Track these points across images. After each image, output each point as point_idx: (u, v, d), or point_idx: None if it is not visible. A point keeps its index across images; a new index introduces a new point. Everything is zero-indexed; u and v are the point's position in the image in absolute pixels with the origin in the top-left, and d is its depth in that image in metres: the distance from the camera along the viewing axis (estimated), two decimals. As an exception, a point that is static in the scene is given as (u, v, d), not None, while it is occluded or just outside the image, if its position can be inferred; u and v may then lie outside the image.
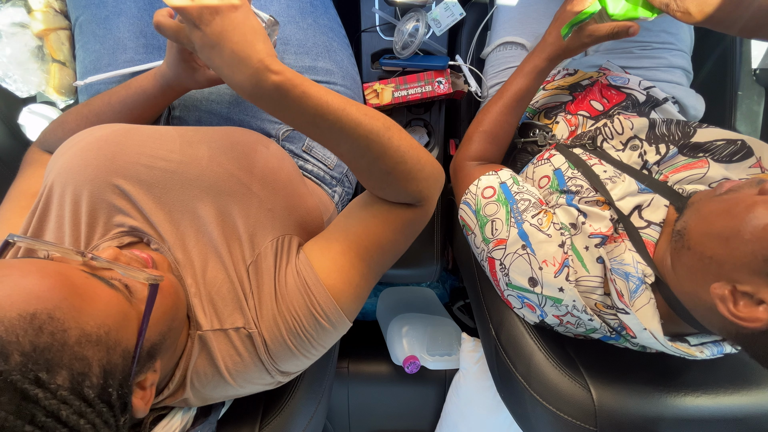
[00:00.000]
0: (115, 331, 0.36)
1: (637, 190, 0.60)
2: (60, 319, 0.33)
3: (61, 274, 0.36)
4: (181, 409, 0.51)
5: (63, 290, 0.34)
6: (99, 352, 0.35)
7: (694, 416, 0.57)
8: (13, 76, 0.84)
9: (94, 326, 0.35)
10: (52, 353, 0.32)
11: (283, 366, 0.51)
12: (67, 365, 0.32)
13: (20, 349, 0.30)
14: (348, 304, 0.52)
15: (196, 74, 0.61)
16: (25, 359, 0.30)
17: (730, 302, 0.45)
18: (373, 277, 0.57)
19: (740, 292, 0.45)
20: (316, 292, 0.50)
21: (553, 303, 0.59)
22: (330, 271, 0.51)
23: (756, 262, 0.43)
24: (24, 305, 0.32)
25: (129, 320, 0.39)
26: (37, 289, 0.33)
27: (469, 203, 0.70)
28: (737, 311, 0.44)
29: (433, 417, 1.18)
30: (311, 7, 0.77)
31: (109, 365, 0.35)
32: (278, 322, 0.49)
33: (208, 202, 0.52)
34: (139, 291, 0.41)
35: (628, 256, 0.55)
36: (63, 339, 0.32)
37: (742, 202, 0.47)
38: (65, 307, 0.34)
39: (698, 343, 0.56)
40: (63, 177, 0.51)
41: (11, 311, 0.31)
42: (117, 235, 0.50)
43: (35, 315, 0.32)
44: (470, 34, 1.01)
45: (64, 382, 0.32)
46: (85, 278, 0.37)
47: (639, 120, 0.67)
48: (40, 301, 0.33)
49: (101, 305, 0.36)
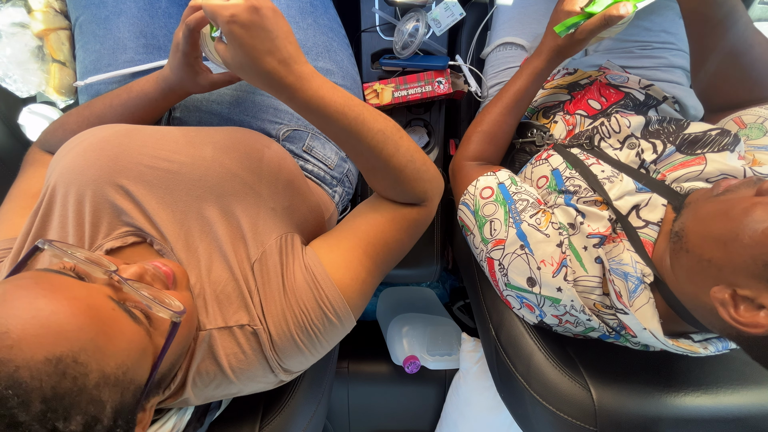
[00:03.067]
0: (132, 370, 0.36)
1: (634, 190, 0.60)
2: (84, 362, 0.32)
3: (90, 308, 0.35)
4: (176, 413, 0.51)
5: (91, 330, 0.34)
6: (114, 394, 0.34)
7: (694, 416, 0.57)
8: (13, 76, 0.84)
9: (114, 367, 0.34)
10: (71, 399, 0.31)
11: (288, 363, 0.51)
12: (83, 410, 0.32)
13: (42, 396, 0.30)
14: (355, 299, 0.53)
15: (199, 78, 0.61)
16: (45, 407, 0.30)
17: (731, 306, 0.44)
18: (378, 275, 0.58)
19: (740, 297, 0.44)
20: (325, 286, 0.51)
21: (552, 303, 0.59)
22: (338, 267, 0.52)
23: (756, 266, 0.42)
24: (52, 348, 0.31)
25: (146, 356, 0.38)
26: (67, 330, 0.32)
27: (467, 204, 0.70)
28: (738, 316, 0.44)
29: (433, 417, 1.19)
30: (311, 7, 0.77)
31: (121, 405, 0.35)
32: (287, 316, 0.49)
33: (211, 201, 0.52)
34: (160, 323, 0.41)
35: (627, 256, 0.55)
36: (83, 383, 0.32)
37: (739, 204, 0.46)
38: (90, 348, 0.33)
39: (702, 339, 0.56)
40: (66, 177, 0.51)
41: (39, 354, 0.30)
42: (121, 235, 0.50)
43: (61, 359, 0.31)
44: (470, 34, 1.01)
45: (77, 427, 0.31)
46: (112, 310, 0.36)
47: (636, 118, 0.67)
48: (68, 343, 0.32)
49: (124, 344, 0.36)
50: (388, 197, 0.60)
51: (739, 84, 0.66)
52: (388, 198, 0.60)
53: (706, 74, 0.68)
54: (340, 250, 0.54)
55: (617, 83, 0.78)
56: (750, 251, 0.43)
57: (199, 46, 0.58)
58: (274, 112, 0.73)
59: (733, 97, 0.67)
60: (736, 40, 0.62)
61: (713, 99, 0.70)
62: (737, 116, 0.65)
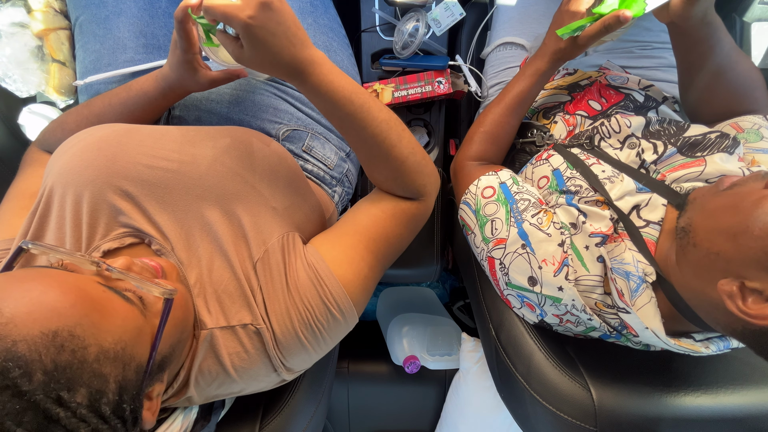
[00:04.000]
0: (131, 347, 0.37)
1: (635, 190, 0.60)
2: (80, 336, 0.33)
3: (80, 288, 0.36)
4: (182, 412, 0.51)
5: (84, 306, 0.34)
6: (116, 369, 0.35)
7: (694, 416, 0.57)
8: (13, 76, 0.84)
9: (112, 342, 0.35)
10: (73, 371, 0.32)
11: (291, 361, 0.51)
12: (87, 383, 0.32)
13: (43, 368, 0.30)
14: (357, 294, 0.53)
15: (198, 76, 0.61)
16: (48, 378, 0.30)
17: (739, 299, 0.45)
18: (379, 270, 0.59)
19: (749, 289, 0.44)
20: (328, 282, 0.51)
21: (553, 302, 0.59)
22: (341, 263, 0.53)
23: (766, 258, 0.43)
24: (46, 323, 0.32)
25: (143, 335, 0.39)
26: (59, 306, 0.33)
27: (468, 203, 0.70)
28: (746, 308, 0.44)
29: (433, 417, 1.19)
30: (311, 7, 0.77)
31: (124, 381, 0.36)
32: (291, 313, 0.49)
33: (212, 201, 0.52)
34: (153, 304, 0.41)
35: (629, 255, 0.55)
36: (83, 356, 0.33)
37: (749, 196, 0.47)
38: (86, 323, 0.34)
39: (704, 338, 0.56)
40: (63, 178, 0.51)
41: (34, 329, 0.31)
42: (118, 236, 0.50)
43: (57, 333, 0.32)
44: (470, 34, 1.01)
45: (83, 400, 0.32)
46: (103, 292, 0.37)
47: (636, 118, 0.68)
48: (62, 318, 0.33)
49: (119, 320, 0.37)
50: (388, 190, 0.61)
51: (728, 98, 0.67)
52: (388, 191, 0.61)
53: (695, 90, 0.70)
54: (342, 247, 0.55)
55: (617, 84, 0.79)
56: (760, 243, 0.43)
57: (196, 43, 0.58)
58: (273, 112, 0.73)
59: (725, 110, 0.68)
60: (721, 59, 0.64)
61: (703, 112, 0.71)
62: (734, 122, 0.66)
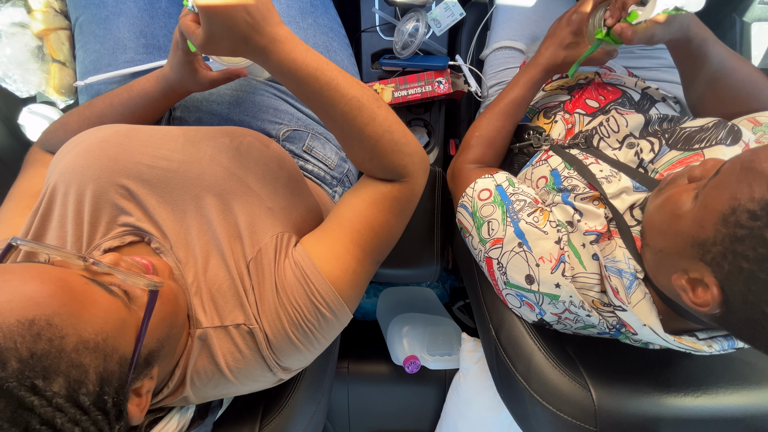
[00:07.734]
0: (112, 338, 0.36)
1: (632, 188, 0.60)
2: (58, 325, 0.33)
3: (61, 279, 0.36)
4: (178, 411, 0.51)
5: (62, 297, 0.34)
6: (96, 360, 0.35)
7: (694, 416, 0.57)
8: (13, 76, 0.84)
9: (92, 333, 0.35)
10: (50, 360, 0.32)
11: (286, 361, 0.51)
12: (64, 372, 0.32)
13: (18, 356, 0.30)
14: (346, 290, 0.52)
15: (199, 75, 0.61)
16: (22, 366, 0.30)
17: (690, 291, 0.46)
18: (369, 263, 0.57)
19: (693, 279, 0.46)
20: (314, 280, 0.50)
21: (551, 300, 0.59)
22: (327, 259, 0.52)
23: (693, 248, 0.45)
24: (23, 311, 0.32)
25: (127, 327, 0.39)
26: (36, 296, 0.33)
27: (465, 206, 0.70)
28: (695, 297, 0.45)
29: (433, 417, 1.19)
30: (311, 7, 0.78)
31: (106, 372, 0.35)
32: (280, 314, 0.49)
33: (210, 200, 0.52)
34: (139, 297, 0.41)
35: (620, 253, 0.55)
36: (60, 346, 0.32)
37: (673, 194, 0.49)
38: (64, 313, 0.34)
39: (707, 337, 0.56)
40: (66, 177, 0.51)
41: (10, 317, 0.31)
42: (119, 234, 0.50)
43: (34, 321, 0.32)
44: (470, 34, 1.01)
45: (60, 390, 0.32)
46: (85, 284, 0.37)
47: (635, 117, 0.68)
48: (39, 308, 0.33)
49: (100, 312, 0.36)
50: (368, 172, 0.59)
51: (731, 103, 0.68)
52: (369, 173, 0.59)
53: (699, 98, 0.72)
54: (327, 242, 0.54)
55: (614, 82, 0.79)
56: (682, 236, 0.46)
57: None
58: (273, 113, 0.73)
59: (733, 111, 0.68)
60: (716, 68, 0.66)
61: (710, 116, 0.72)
62: (752, 117, 0.67)
